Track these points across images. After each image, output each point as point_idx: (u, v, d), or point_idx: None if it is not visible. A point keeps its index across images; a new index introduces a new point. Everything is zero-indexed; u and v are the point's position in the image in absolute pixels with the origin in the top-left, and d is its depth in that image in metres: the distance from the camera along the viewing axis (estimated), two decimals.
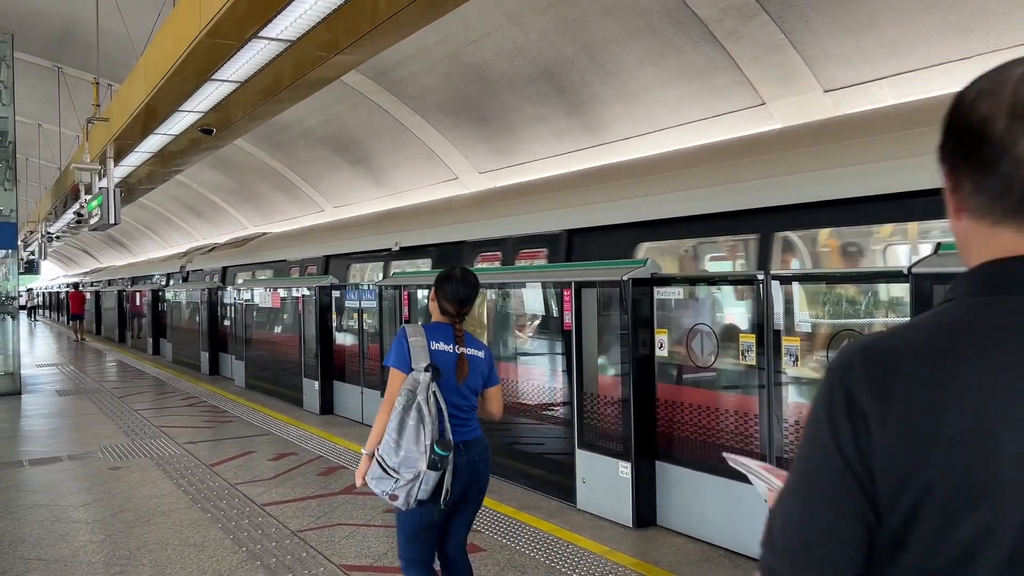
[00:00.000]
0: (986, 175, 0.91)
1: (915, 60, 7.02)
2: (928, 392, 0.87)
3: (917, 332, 0.94)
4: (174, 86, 8.28)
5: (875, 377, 0.90)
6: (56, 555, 5.09)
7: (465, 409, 3.36)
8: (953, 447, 0.85)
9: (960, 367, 0.87)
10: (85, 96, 14.61)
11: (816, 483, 0.93)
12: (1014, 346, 0.86)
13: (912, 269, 3.76)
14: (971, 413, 0.85)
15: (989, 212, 0.92)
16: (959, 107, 0.96)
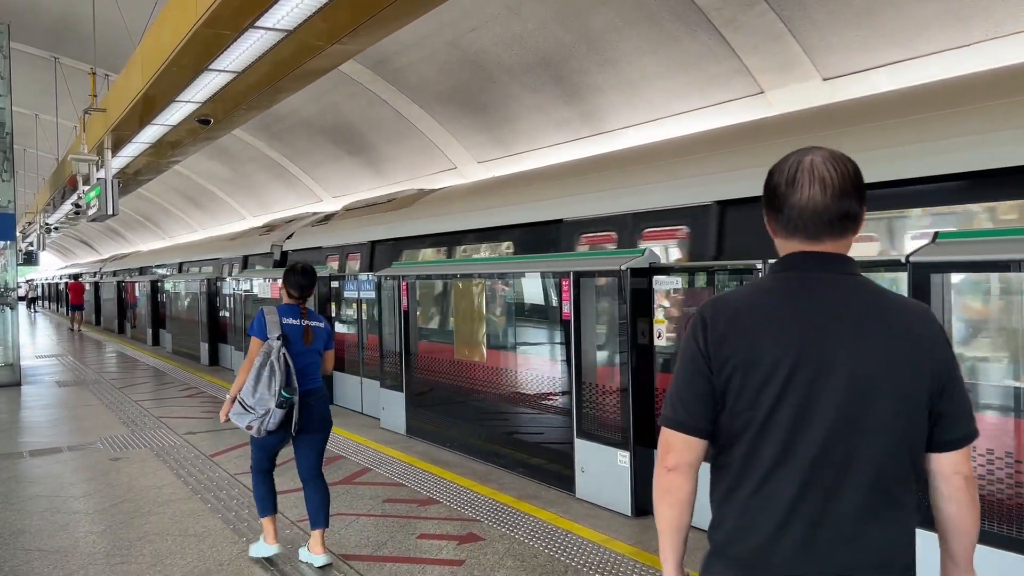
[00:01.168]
0: (779, 214, 1.70)
1: (914, 48, 7.00)
2: (741, 319, 1.68)
3: (745, 290, 1.77)
4: (171, 76, 8.25)
5: (717, 311, 1.71)
6: (56, 545, 5.11)
7: (311, 366, 4.63)
8: (744, 350, 1.65)
9: (753, 305, 1.70)
10: (82, 86, 14.56)
11: (686, 363, 1.72)
12: (786, 294, 1.68)
13: (910, 258, 3.76)
14: (759, 330, 1.66)
15: (782, 232, 1.72)
16: (769, 178, 1.72)
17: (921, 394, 1.62)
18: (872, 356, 1.61)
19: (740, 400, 1.65)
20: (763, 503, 1.63)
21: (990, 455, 3.62)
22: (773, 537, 1.61)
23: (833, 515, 1.59)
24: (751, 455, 1.65)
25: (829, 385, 1.59)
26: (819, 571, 1.58)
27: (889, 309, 1.66)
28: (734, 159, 5.69)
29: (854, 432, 1.59)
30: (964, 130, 4.21)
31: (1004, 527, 3.52)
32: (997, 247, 3.53)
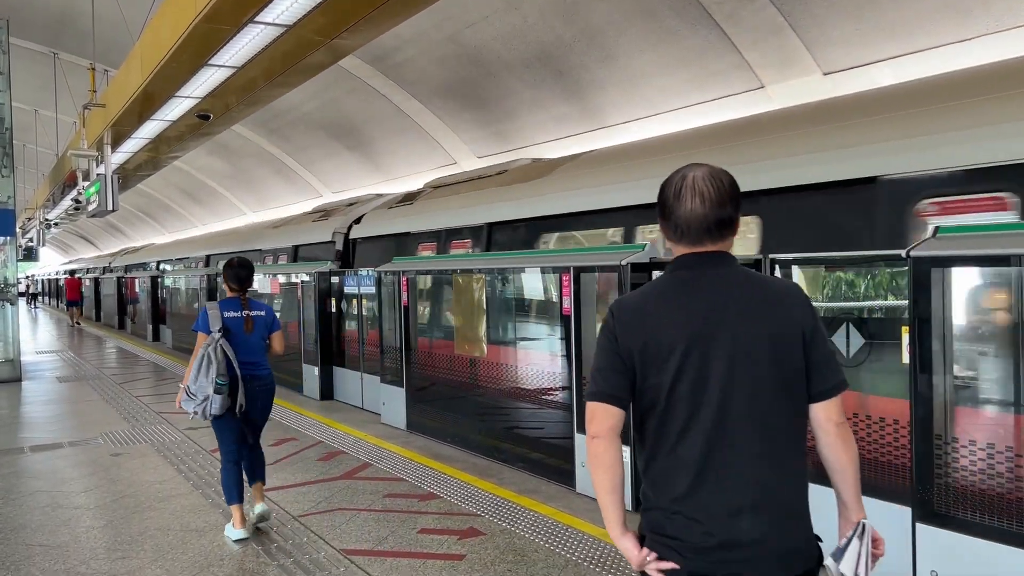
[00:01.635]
0: (669, 223, 2.04)
1: (915, 42, 6.99)
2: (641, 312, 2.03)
3: (646, 288, 2.11)
4: (171, 71, 8.24)
5: (621, 308, 2.06)
6: (58, 541, 5.12)
7: (255, 352, 5.16)
8: (646, 336, 1.98)
9: (653, 299, 2.05)
10: (82, 82, 14.54)
11: (603, 348, 2.05)
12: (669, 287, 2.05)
13: (911, 252, 3.76)
14: (657, 320, 1.99)
15: (673, 237, 2.06)
16: (660, 192, 2.06)
17: (796, 352, 1.98)
18: (752, 329, 1.96)
19: (647, 379, 1.99)
20: (677, 462, 1.97)
21: (991, 448, 3.63)
22: (689, 489, 1.95)
23: (735, 463, 1.94)
24: (662, 425, 1.99)
25: (718, 358, 1.94)
26: (727, 511, 1.92)
27: (763, 289, 2.04)
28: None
29: (743, 394, 1.94)
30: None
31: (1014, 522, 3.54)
32: (998, 241, 3.52)
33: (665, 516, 1.99)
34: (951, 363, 3.78)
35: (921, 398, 3.76)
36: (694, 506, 1.94)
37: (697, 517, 1.94)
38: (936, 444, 3.76)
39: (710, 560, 1.93)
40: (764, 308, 1.99)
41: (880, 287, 4.60)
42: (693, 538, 1.94)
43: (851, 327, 4.36)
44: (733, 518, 1.93)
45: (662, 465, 1.99)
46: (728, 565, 1.93)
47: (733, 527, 1.93)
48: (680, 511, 1.96)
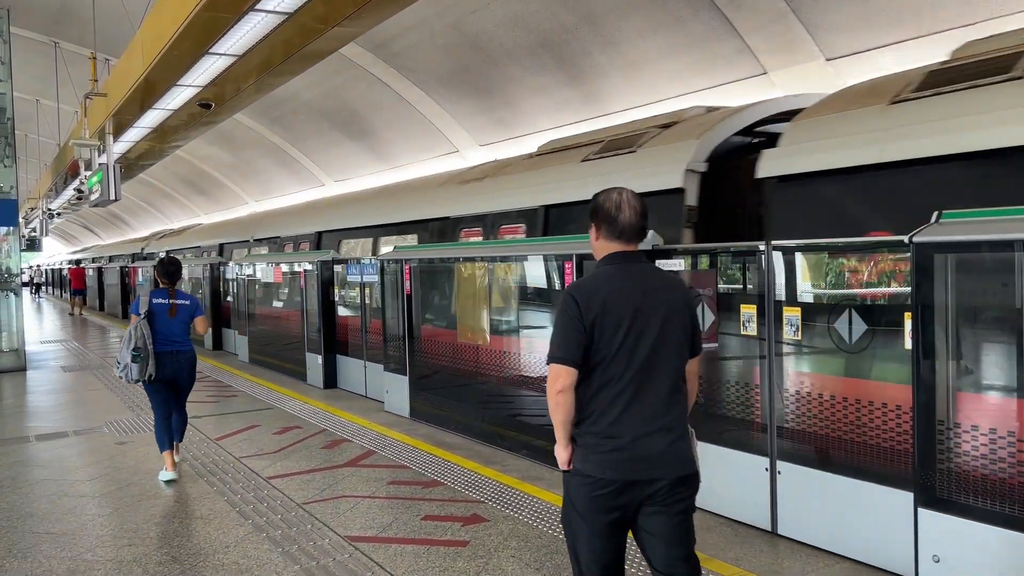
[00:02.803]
0: (611, 228, 2.79)
1: (919, 27, 6.95)
2: (596, 292, 2.71)
3: (596, 275, 2.78)
4: (172, 60, 8.23)
5: (581, 290, 2.73)
6: (64, 528, 5.15)
7: (177, 332, 6.26)
8: (601, 309, 2.67)
9: (603, 284, 2.73)
10: (83, 71, 14.52)
11: (566, 323, 2.68)
12: (611, 276, 2.76)
13: (913, 238, 3.75)
14: (608, 298, 2.69)
15: (610, 238, 2.80)
16: (601, 204, 2.81)
17: (687, 324, 2.84)
18: (665, 308, 2.77)
19: (601, 342, 2.71)
20: (614, 399, 2.73)
21: (993, 434, 3.64)
22: (619, 416, 2.71)
23: (653, 400, 2.73)
24: (605, 374, 2.73)
25: (649, 328, 2.73)
26: (646, 431, 2.71)
27: (665, 278, 2.91)
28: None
29: (661, 354, 2.75)
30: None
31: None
32: (1001, 227, 3.52)
33: (600, 438, 2.73)
34: (953, 349, 3.78)
35: (923, 384, 3.77)
36: (622, 429, 2.71)
37: (625, 435, 2.71)
38: (938, 429, 3.76)
39: (632, 470, 2.71)
40: (669, 291, 2.83)
41: (881, 274, 4.60)
42: (623, 453, 2.70)
43: (853, 313, 4.36)
44: (649, 437, 2.71)
45: (602, 400, 2.74)
46: (643, 471, 2.71)
47: (649, 443, 2.71)
48: (612, 433, 2.72)
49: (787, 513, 4.69)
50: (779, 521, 4.73)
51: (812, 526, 4.55)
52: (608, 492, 2.70)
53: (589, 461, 2.74)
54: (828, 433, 4.49)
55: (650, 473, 2.70)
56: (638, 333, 2.71)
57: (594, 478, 2.72)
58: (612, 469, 2.70)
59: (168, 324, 6.20)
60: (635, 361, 2.71)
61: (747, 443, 4.94)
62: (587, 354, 2.70)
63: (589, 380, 2.74)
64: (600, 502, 2.73)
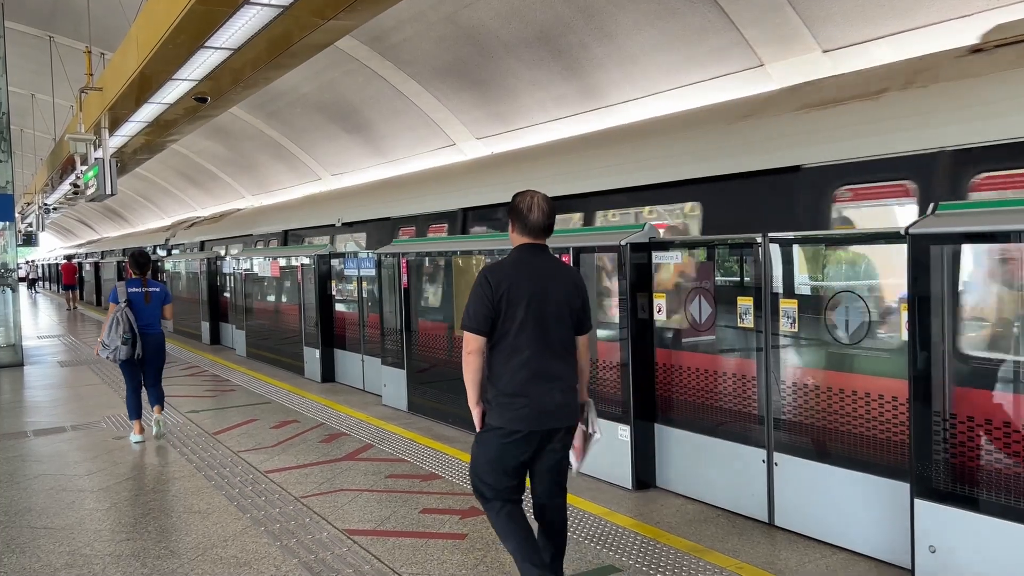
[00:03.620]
0: (523, 225, 3.51)
1: (915, 18, 6.94)
2: (506, 275, 3.42)
3: (506, 260, 3.53)
4: (167, 54, 8.20)
5: (493, 271, 3.45)
6: (63, 523, 5.16)
7: (151, 318, 7.24)
8: (508, 290, 3.38)
9: (511, 269, 3.46)
10: (78, 66, 14.47)
11: (479, 298, 3.40)
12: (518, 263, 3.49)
13: (909, 230, 3.76)
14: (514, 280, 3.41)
15: (522, 233, 3.53)
16: (517, 204, 3.53)
17: (576, 306, 3.55)
18: (560, 289, 3.49)
19: (506, 316, 3.40)
20: (519, 365, 3.41)
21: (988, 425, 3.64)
22: (525, 379, 3.40)
23: (548, 363, 3.43)
24: (509, 342, 3.42)
25: (546, 304, 3.43)
26: (546, 390, 3.41)
27: (562, 267, 3.64)
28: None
29: (554, 325, 3.46)
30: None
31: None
32: (997, 218, 3.52)
33: (510, 397, 3.41)
34: (949, 340, 3.78)
35: (920, 375, 3.77)
36: (527, 389, 3.40)
37: (529, 395, 3.40)
38: (935, 421, 3.77)
39: (537, 420, 3.41)
40: (564, 278, 3.56)
41: (876, 266, 4.60)
42: (527, 409, 3.39)
43: (849, 306, 4.37)
44: (549, 395, 3.43)
45: (510, 367, 3.42)
46: (544, 421, 3.43)
47: (548, 399, 3.42)
48: (518, 392, 3.40)
49: (784, 505, 4.70)
50: (776, 512, 4.74)
51: (809, 517, 4.57)
52: (517, 440, 3.42)
53: (505, 417, 3.41)
54: (825, 425, 4.50)
55: (548, 424, 3.44)
56: (537, 310, 3.41)
57: (506, 430, 3.41)
58: (520, 421, 3.40)
59: (144, 310, 7.19)
60: (535, 333, 3.41)
61: (744, 435, 4.95)
62: (494, 326, 3.41)
63: (499, 351, 3.43)
64: (510, 448, 3.44)
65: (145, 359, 7.25)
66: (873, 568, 4.14)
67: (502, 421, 3.41)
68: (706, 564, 4.22)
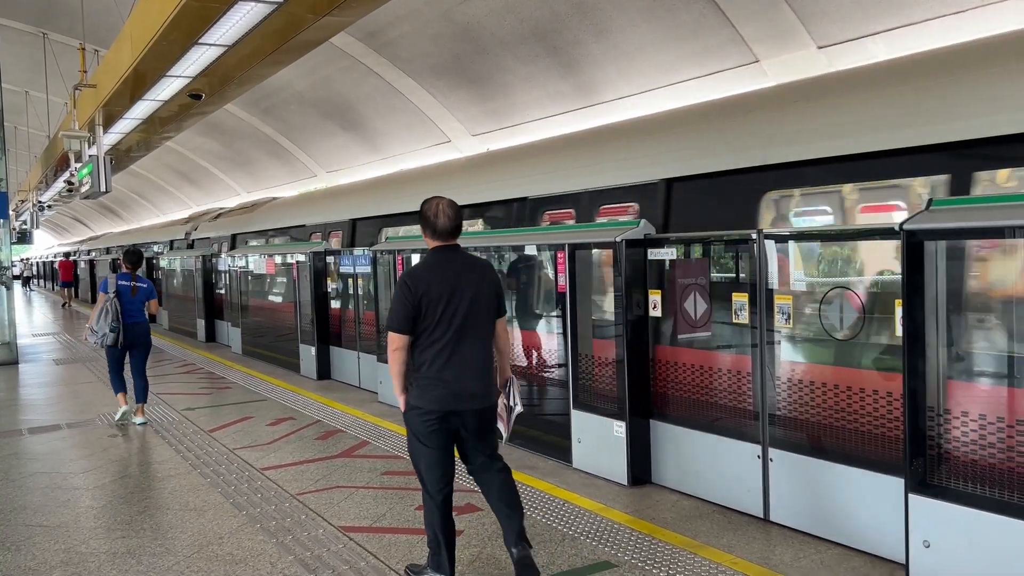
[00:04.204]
0: (432, 230, 3.88)
1: (910, 14, 6.95)
2: (423, 278, 3.78)
3: (424, 263, 3.91)
4: (161, 51, 8.18)
5: (412, 276, 3.81)
6: (58, 521, 5.15)
7: (136, 310, 7.92)
8: (427, 289, 3.73)
9: (427, 272, 3.82)
10: (72, 62, 14.41)
11: (402, 300, 3.75)
12: (433, 264, 3.84)
13: (904, 226, 3.76)
14: (432, 281, 3.76)
15: (433, 237, 3.89)
16: (426, 210, 3.90)
17: (492, 296, 3.93)
18: (476, 284, 3.85)
19: (427, 314, 3.75)
20: (438, 354, 3.78)
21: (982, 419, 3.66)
22: (443, 366, 3.77)
23: (467, 353, 3.81)
24: (432, 337, 3.78)
25: (461, 299, 3.79)
26: (462, 376, 3.79)
27: (475, 263, 4.00)
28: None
29: (471, 317, 3.81)
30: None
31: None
32: (990, 214, 3.53)
33: (431, 381, 3.78)
34: (943, 336, 3.80)
35: (914, 371, 3.78)
36: (446, 375, 3.78)
37: (447, 379, 3.78)
38: (929, 416, 3.78)
39: (450, 402, 3.79)
40: (478, 273, 3.92)
41: (871, 262, 4.62)
42: (444, 392, 3.78)
43: (844, 301, 4.38)
44: (465, 380, 3.80)
45: (430, 356, 3.78)
46: (458, 403, 3.80)
47: (464, 384, 3.80)
48: (439, 378, 3.78)
49: (779, 500, 4.71)
50: (771, 508, 4.76)
51: (804, 512, 4.58)
52: (436, 418, 3.79)
53: (423, 399, 3.79)
54: (820, 420, 4.52)
55: (462, 405, 3.82)
56: (454, 306, 3.78)
57: (425, 409, 3.79)
58: (437, 402, 3.78)
59: (131, 302, 7.89)
60: (453, 326, 3.77)
61: (739, 431, 4.96)
62: (416, 323, 3.77)
63: (421, 342, 3.80)
64: (432, 426, 3.81)
65: (130, 346, 7.92)
66: (868, 563, 4.16)
67: (422, 402, 3.79)
68: (701, 560, 4.23)
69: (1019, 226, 3.42)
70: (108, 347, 7.81)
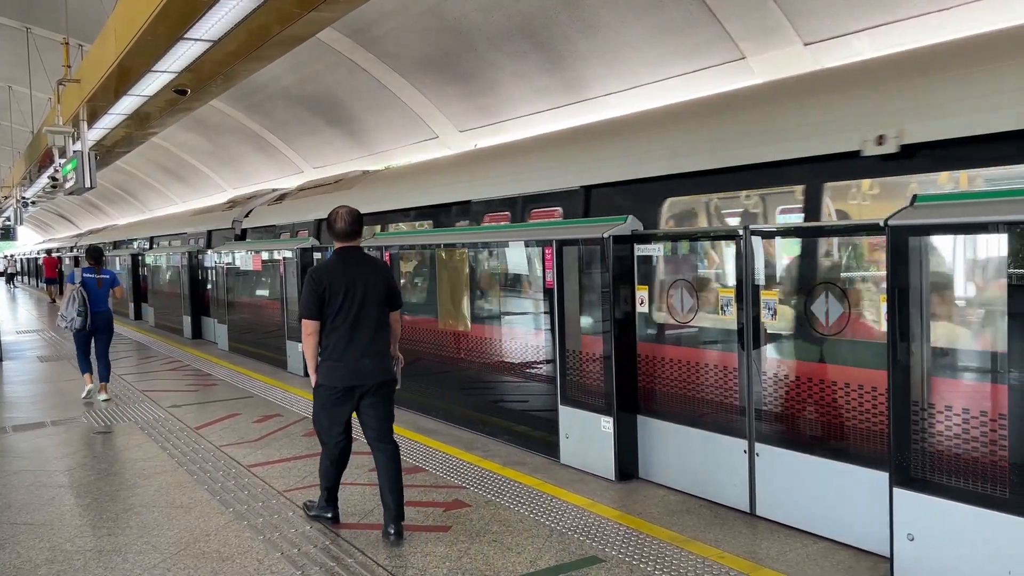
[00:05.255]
0: (334, 232, 4.73)
1: (895, 11, 6.99)
2: (327, 273, 4.61)
3: (328, 260, 4.79)
4: (146, 45, 8.11)
5: (318, 271, 4.66)
6: (43, 519, 5.11)
7: (101, 297, 8.90)
8: (330, 284, 4.56)
9: (330, 268, 4.66)
10: (56, 57, 14.28)
11: (311, 292, 4.58)
12: (336, 263, 4.68)
13: (888, 221, 3.79)
14: (334, 275, 4.59)
15: (335, 238, 4.74)
16: (330, 216, 4.75)
17: (385, 289, 4.66)
18: (371, 279, 4.60)
19: (330, 304, 4.51)
20: (340, 338, 4.53)
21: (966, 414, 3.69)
22: (343, 349, 4.53)
23: (361, 336, 4.55)
24: (334, 324, 4.54)
25: (358, 291, 4.53)
26: (359, 357, 4.54)
27: (371, 260, 4.75)
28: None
29: (367, 306, 4.56)
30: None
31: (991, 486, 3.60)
32: (975, 209, 3.56)
33: (334, 361, 4.56)
34: (928, 331, 3.83)
35: (898, 365, 3.81)
36: (344, 356, 4.55)
37: (346, 360, 4.55)
38: (913, 410, 3.81)
39: (352, 380, 4.57)
40: (373, 270, 4.68)
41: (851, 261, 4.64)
42: (344, 370, 4.56)
43: (830, 297, 4.41)
44: (361, 360, 4.56)
45: (333, 341, 4.56)
46: (359, 379, 4.58)
47: (362, 363, 4.56)
48: (340, 359, 4.55)
49: (765, 495, 4.74)
50: (758, 502, 4.78)
51: (790, 507, 4.61)
52: (338, 393, 4.59)
53: (328, 377, 4.59)
54: (806, 415, 4.54)
55: (362, 380, 4.58)
56: (351, 297, 4.53)
57: (329, 386, 4.60)
58: (340, 379, 4.57)
59: (96, 292, 8.89)
60: (350, 315, 4.53)
61: (726, 426, 4.98)
62: (323, 311, 4.54)
63: (326, 328, 4.57)
64: (336, 398, 4.61)
65: (95, 332, 8.94)
66: (852, 556, 4.19)
67: (327, 380, 4.60)
68: (688, 554, 4.25)
69: (1002, 222, 3.46)
70: (76, 331, 8.81)
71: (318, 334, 4.58)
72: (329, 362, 4.57)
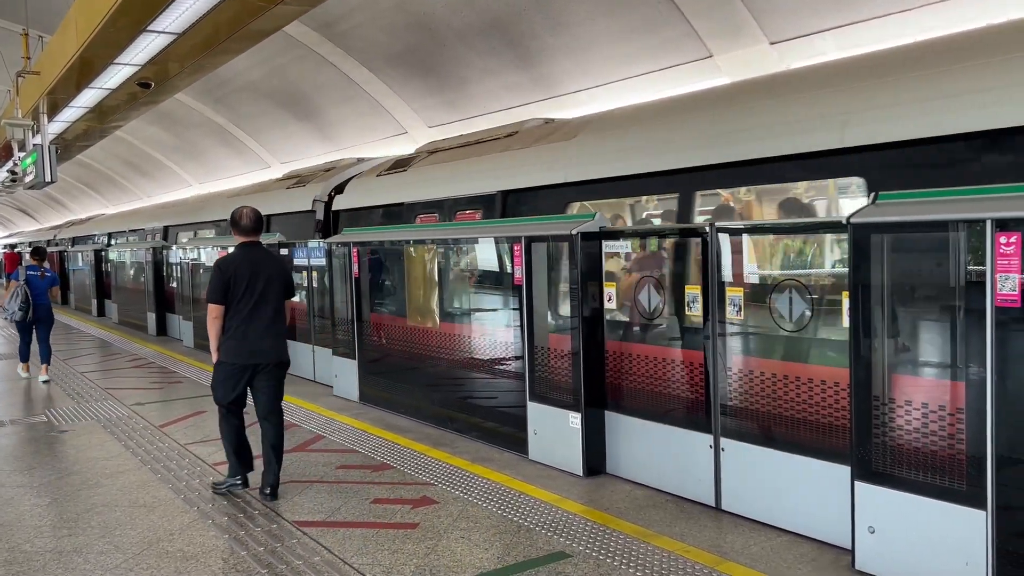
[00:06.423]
0: (239, 229, 5.41)
1: (858, 12, 7.08)
2: (232, 263, 5.27)
3: (234, 252, 5.43)
4: (108, 37, 7.96)
5: (224, 261, 5.34)
6: (1, 520, 5.01)
7: (43, 291, 10.22)
8: (235, 274, 5.21)
9: (235, 259, 5.31)
10: (14, 48, 13.95)
11: (218, 280, 5.21)
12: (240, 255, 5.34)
13: (850, 219, 3.84)
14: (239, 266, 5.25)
15: (240, 234, 5.41)
16: (233, 215, 5.44)
17: (283, 280, 5.43)
18: (271, 270, 5.32)
19: (234, 290, 5.17)
20: (240, 321, 5.19)
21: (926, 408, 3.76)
22: (244, 330, 5.19)
23: (262, 321, 5.23)
24: (236, 308, 5.19)
25: (259, 283, 5.21)
26: (258, 338, 5.21)
27: (271, 255, 5.60)
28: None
29: (266, 295, 5.25)
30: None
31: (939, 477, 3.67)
32: (935, 207, 3.62)
33: (235, 341, 5.16)
34: (889, 327, 3.89)
35: (860, 361, 3.87)
36: (246, 336, 5.17)
37: (247, 339, 5.17)
38: (874, 405, 3.88)
39: (250, 358, 5.20)
40: (272, 263, 5.37)
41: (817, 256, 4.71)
42: (244, 349, 5.18)
43: (793, 293, 4.46)
44: (260, 340, 5.19)
45: (235, 323, 5.15)
46: (257, 358, 5.20)
47: (260, 344, 5.20)
48: (240, 338, 5.16)
49: (731, 489, 4.79)
50: (723, 497, 4.83)
51: (754, 501, 4.66)
52: (236, 369, 5.21)
53: (230, 355, 5.20)
54: (770, 410, 4.60)
55: (258, 359, 5.22)
56: (253, 286, 5.16)
57: (230, 363, 5.21)
58: (239, 357, 5.19)
59: (38, 286, 10.08)
60: (251, 301, 5.15)
61: (692, 421, 5.03)
62: (227, 297, 5.12)
63: (230, 312, 5.16)
64: (233, 375, 5.23)
65: (38, 322, 10.13)
66: (815, 549, 4.25)
67: (227, 357, 5.21)
68: (654, 548, 4.28)
69: (962, 219, 3.52)
70: (17, 322, 10.09)
71: (223, 318, 5.18)
72: (232, 341, 5.17)
